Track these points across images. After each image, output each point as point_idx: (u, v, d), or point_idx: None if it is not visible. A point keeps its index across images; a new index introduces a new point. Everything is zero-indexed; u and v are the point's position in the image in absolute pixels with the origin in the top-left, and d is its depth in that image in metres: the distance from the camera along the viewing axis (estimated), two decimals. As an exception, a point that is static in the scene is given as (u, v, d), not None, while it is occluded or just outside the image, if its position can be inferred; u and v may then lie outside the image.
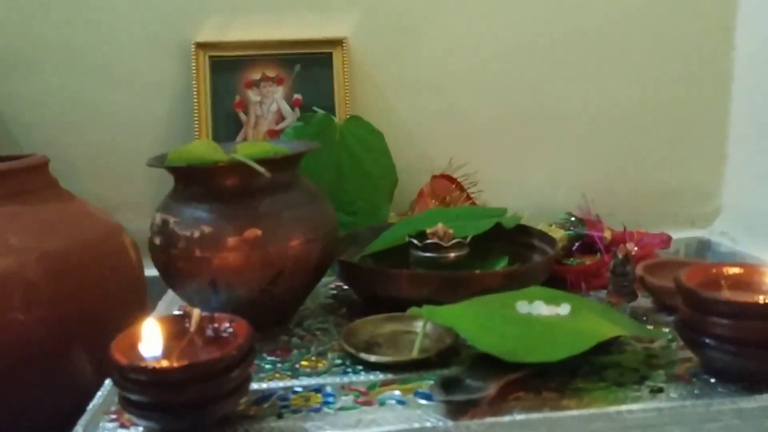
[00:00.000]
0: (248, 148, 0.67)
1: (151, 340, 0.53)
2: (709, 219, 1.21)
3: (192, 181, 0.70)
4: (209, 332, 0.58)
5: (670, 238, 0.96)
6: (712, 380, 0.59)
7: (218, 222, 0.67)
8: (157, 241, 0.70)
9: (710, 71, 1.15)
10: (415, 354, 0.61)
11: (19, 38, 1.04)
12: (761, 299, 0.56)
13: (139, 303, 0.91)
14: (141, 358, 0.52)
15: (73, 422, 0.74)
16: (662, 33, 1.13)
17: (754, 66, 1.11)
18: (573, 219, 0.97)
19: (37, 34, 1.04)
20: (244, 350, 0.54)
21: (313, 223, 0.71)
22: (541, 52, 1.12)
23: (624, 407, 0.56)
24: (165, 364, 0.51)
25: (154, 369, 0.50)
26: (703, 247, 1.19)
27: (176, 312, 0.78)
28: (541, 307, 0.63)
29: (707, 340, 0.58)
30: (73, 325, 0.79)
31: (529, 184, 1.16)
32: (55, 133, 1.07)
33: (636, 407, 0.56)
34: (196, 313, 0.58)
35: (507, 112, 1.14)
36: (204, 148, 0.66)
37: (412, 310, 0.64)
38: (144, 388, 0.51)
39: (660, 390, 0.58)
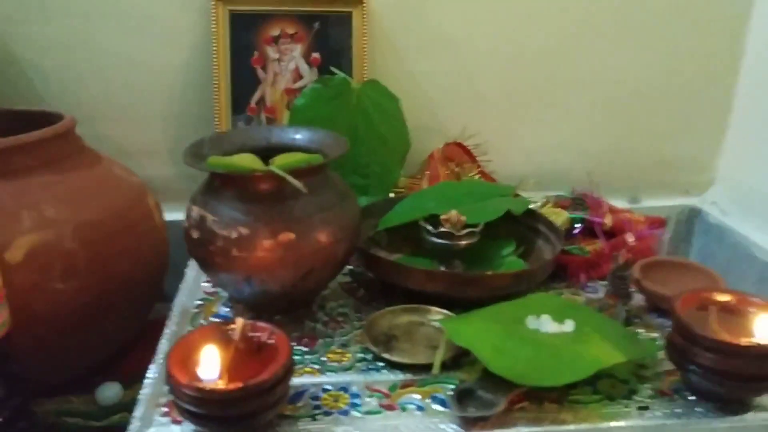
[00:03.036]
0: (285, 159, 0.71)
1: (207, 362, 0.59)
2: (702, 188, 1.27)
3: (229, 182, 0.73)
4: (251, 340, 0.64)
5: (665, 222, 1.02)
6: (692, 398, 0.68)
7: (254, 225, 0.71)
8: (195, 234, 0.74)
9: (722, 46, 1.17)
10: (435, 371, 0.69)
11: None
12: (742, 342, 0.64)
13: (161, 261, 0.96)
14: (197, 378, 0.58)
15: (101, 372, 0.91)
16: (675, 7, 1.13)
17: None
18: (576, 199, 1.02)
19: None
20: (288, 367, 0.60)
21: (341, 223, 0.76)
22: (556, 23, 1.12)
23: (613, 423, 0.65)
24: (221, 385, 0.57)
25: (211, 390, 0.57)
26: (694, 215, 1.25)
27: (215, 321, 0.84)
28: (548, 324, 0.70)
29: (692, 367, 0.66)
30: (106, 291, 0.85)
31: (535, 149, 1.20)
32: (72, 78, 1.07)
33: (624, 424, 0.65)
34: (239, 322, 0.64)
35: (518, 79, 1.16)
36: (245, 162, 0.70)
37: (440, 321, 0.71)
38: (200, 403, 0.57)
39: (646, 407, 0.67)
